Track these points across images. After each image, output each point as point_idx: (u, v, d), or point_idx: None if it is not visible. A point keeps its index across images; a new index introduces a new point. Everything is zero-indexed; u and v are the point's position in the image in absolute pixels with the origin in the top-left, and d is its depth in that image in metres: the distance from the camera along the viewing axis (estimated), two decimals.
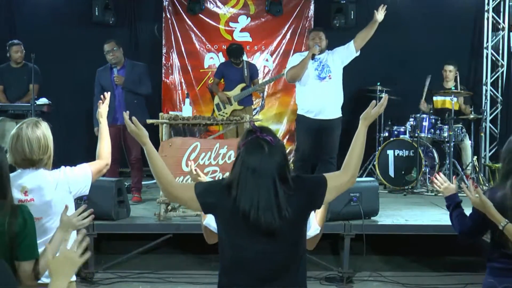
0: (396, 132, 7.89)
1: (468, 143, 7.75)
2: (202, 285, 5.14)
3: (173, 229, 5.38)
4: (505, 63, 8.70)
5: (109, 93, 3.34)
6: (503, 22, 8.72)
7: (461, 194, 3.16)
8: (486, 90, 8.76)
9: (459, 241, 3.28)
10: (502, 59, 8.76)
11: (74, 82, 8.18)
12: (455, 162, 7.47)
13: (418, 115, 7.52)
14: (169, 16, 8.65)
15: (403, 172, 7.39)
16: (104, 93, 3.31)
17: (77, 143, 8.09)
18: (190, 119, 5.55)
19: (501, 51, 8.80)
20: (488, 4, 8.69)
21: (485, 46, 8.78)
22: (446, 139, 7.44)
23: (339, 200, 5.00)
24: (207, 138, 5.99)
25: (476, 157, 7.84)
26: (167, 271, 5.44)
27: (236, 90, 7.43)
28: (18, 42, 7.21)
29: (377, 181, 6.22)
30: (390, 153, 7.50)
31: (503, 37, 8.73)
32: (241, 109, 7.40)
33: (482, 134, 8.14)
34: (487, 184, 7.77)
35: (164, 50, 8.66)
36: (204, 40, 8.69)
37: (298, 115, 6.30)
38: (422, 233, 5.56)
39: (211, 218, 2.57)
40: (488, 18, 8.73)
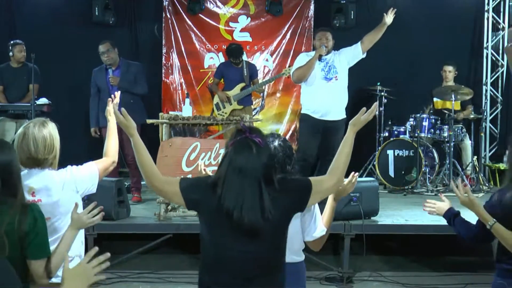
0: (396, 132, 7.88)
1: (468, 143, 7.75)
2: None
3: (173, 229, 5.38)
4: (505, 63, 8.68)
5: (119, 92, 3.32)
6: (503, 22, 8.72)
7: (451, 194, 3.15)
8: (486, 90, 8.76)
9: (468, 244, 3.27)
10: (502, 59, 8.75)
11: (74, 82, 8.16)
12: (455, 162, 7.47)
13: (418, 115, 7.52)
14: (169, 16, 8.65)
15: (403, 172, 7.39)
16: (108, 94, 3.31)
17: (77, 143, 8.05)
18: (190, 119, 5.55)
19: (501, 51, 8.78)
20: (488, 4, 8.69)
21: (485, 46, 8.78)
22: (446, 139, 7.44)
23: (339, 200, 4.98)
24: (207, 138, 5.99)
25: (476, 157, 7.84)
26: (167, 271, 5.44)
27: (235, 90, 7.42)
28: (20, 42, 7.21)
29: (377, 181, 6.22)
30: (390, 153, 7.49)
31: (503, 37, 8.72)
32: (240, 108, 7.39)
33: (482, 134, 8.14)
34: (487, 184, 7.78)
35: (164, 50, 8.65)
36: (204, 40, 8.68)
37: (302, 114, 6.21)
38: (422, 233, 5.55)
39: None
40: (488, 18, 8.73)
